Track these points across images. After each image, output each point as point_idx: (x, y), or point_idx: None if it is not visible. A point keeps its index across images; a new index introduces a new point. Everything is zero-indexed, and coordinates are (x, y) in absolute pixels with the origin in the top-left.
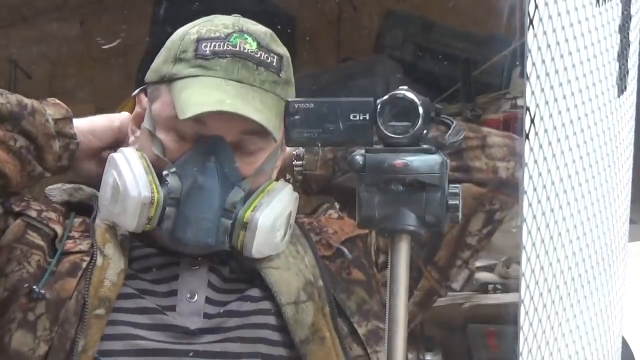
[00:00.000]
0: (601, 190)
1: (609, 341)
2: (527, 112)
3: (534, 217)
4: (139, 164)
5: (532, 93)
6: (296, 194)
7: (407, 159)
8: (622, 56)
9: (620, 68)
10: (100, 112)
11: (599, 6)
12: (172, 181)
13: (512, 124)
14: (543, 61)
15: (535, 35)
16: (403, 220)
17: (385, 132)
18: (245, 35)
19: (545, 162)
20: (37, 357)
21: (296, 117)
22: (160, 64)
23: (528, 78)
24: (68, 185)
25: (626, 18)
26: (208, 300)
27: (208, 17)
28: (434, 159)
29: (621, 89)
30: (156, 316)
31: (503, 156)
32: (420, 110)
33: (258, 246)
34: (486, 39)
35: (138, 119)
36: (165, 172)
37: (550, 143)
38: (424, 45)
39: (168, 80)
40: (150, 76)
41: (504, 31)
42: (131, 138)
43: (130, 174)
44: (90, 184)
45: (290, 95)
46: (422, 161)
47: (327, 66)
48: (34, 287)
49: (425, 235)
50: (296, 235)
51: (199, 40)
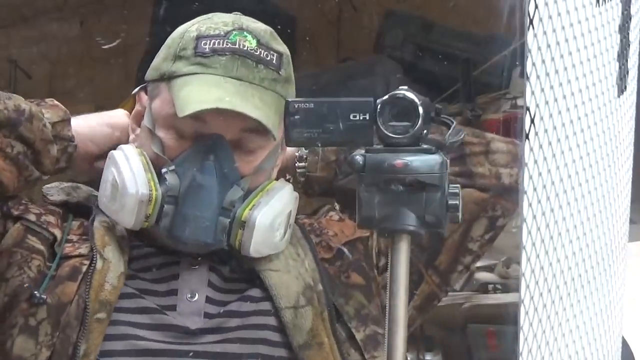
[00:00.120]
0: (601, 190)
1: (609, 341)
2: (527, 112)
3: (534, 217)
4: (138, 162)
5: (532, 93)
6: (296, 194)
7: (407, 159)
8: (622, 56)
9: (620, 68)
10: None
11: (599, 6)
12: (171, 179)
13: (512, 124)
14: (543, 61)
15: (535, 35)
16: (403, 220)
17: (385, 132)
18: (244, 32)
19: (545, 162)
20: None
21: (296, 117)
22: (160, 62)
23: (528, 78)
24: (66, 184)
25: (626, 18)
26: (208, 299)
27: (208, 15)
28: (434, 159)
29: (621, 89)
30: (156, 316)
31: (506, 162)
32: (420, 110)
33: (256, 245)
34: (486, 39)
35: (138, 117)
36: (164, 170)
37: (550, 143)
38: (424, 45)
39: (168, 78)
40: (150, 74)
41: (504, 31)
42: (131, 136)
43: (129, 172)
44: (86, 184)
45: (290, 93)
46: (422, 161)
47: (327, 66)
48: (35, 292)
49: (426, 239)
50: (297, 237)
51: (199, 37)
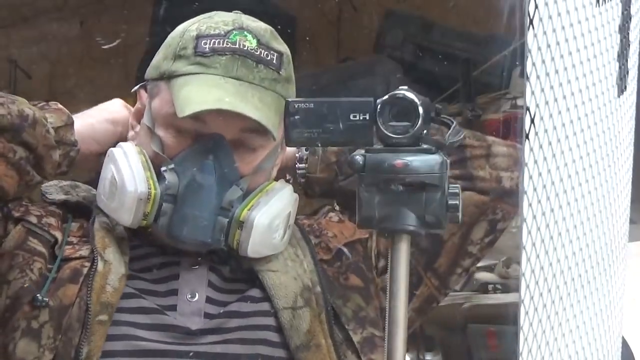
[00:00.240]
0: (601, 190)
1: (609, 341)
2: (527, 112)
3: (534, 217)
4: (137, 160)
5: (532, 93)
6: (296, 195)
7: (407, 159)
8: (622, 56)
9: (620, 68)
10: None
11: (599, 6)
12: (170, 178)
13: (512, 124)
14: (543, 61)
15: (535, 35)
16: (403, 220)
17: (385, 132)
18: (245, 32)
19: (545, 162)
20: None
21: (296, 117)
22: (160, 61)
23: (528, 78)
24: (64, 182)
25: (626, 18)
26: (209, 299)
27: (208, 14)
28: (434, 159)
29: (621, 89)
30: (157, 316)
31: (507, 166)
32: (420, 110)
33: (254, 246)
34: (486, 39)
35: (138, 115)
36: (163, 169)
37: (550, 143)
38: (424, 45)
39: (167, 77)
40: (150, 72)
41: (504, 31)
42: (131, 133)
43: (128, 169)
44: (88, 183)
45: (290, 92)
46: (422, 161)
47: (327, 66)
48: (37, 295)
49: (425, 241)
50: (296, 237)
51: (199, 37)
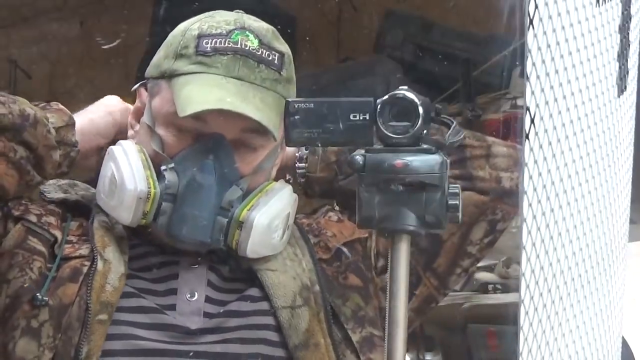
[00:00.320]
0: (601, 190)
1: (609, 341)
2: (527, 112)
3: (534, 217)
4: (137, 158)
5: (532, 93)
6: (295, 195)
7: (407, 159)
8: (622, 56)
9: (620, 68)
10: None
11: (599, 6)
12: (170, 177)
13: (512, 124)
14: (543, 61)
15: (535, 35)
16: (403, 220)
17: (385, 132)
18: (246, 32)
19: (545, 162)
20: None
21: (296, 117)
22: (160, 59)
23: (528, 78)
24: (62, 181)
25: (626, 18)
26: (208, 299)
27: (210, 13)
28: (434, 159)
29: (621, 89)
30: (156, 315)
31: (507, 166)
32: (420, 110)
33: (253, 246)
34: (486, 39)
35: (138, 113)
36: (163, 168)
37: (550, 143)
38: (424, 45)
39: (168, 76)
40: (150, 71)
41: (504, 31)
42: (130, 132)
43: (128, 168)
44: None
45: (291, 93)
46: (422, 161)
47: (327, 66)
48: (37, 294)
49: (425, 241)
50: (295, 237)
51: (200, 36)
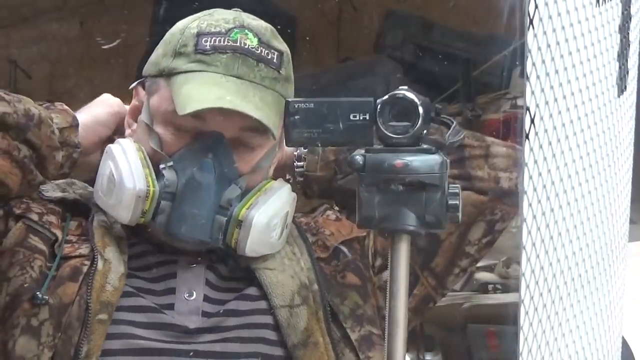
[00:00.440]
0: (601, 190)
1: (609, 341)
2: (527, 112)
3: (534, 217)
4: (136, 157)
5: (532, 93)
6: (294, 194)
7: (407, 159)
8: (622, 56)
9: (620, 68)
10: None
11: (599, 6)
12: (169, 175)
13: (512, 124)
14: (543, 61)
15: (535, 35)
16: (403, 220)
17: (385, 132)
18: (246, 30)
19: (545, 162)
20: None
21: (296, 117)
22: (159, 57)
23: (528, 78)
24: (60, 180)
25: (626, 18)
26: (206, 298)
27: (208, 11)
28: (434, 159)
29: (621, 89)
30: (155, 315)
31: (506, 167)
32: (420, 110)
33: (252, 245)
34: (486, 39)
35: (135, 112)
36: (162, 166)
37: (550, 143)
38: (424, 45)
39: (167, 74)
40: (148, 69)
41: (504, 31)
42: (127, 131)
43: (126, 166)
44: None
45: (289, 92)
46: (422, 161)
47: (327, 66)
48: (37, 293)
49: (423, 241)
50: (293, 236)
51: (199, 34)
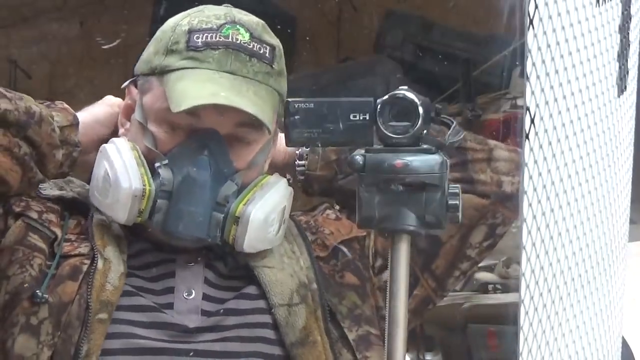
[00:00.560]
0: (601, 190)
1: (609, 341)
2: (527, 112)
3: (534, 217)
4: (131, 156)
5: (532, 93)
6: (291, 189)
7: (407, 159)
8: (622, 56)
9: (620, 68)
10: None
11: (599, 6)
12: (164, 173)
13: (512, 124)
14: (543, 61)
15: (535, 35)
16: (403, 220)
17: (385, 132)
18: (237, 26)
19: (545, 162)
20: None
21: (296, 117)
22: (150, 55)
23: (528, 78)
24: (59, 178)
25: (626, 18)
26: (205, 297)
27: (198, 8)
28: (434, 159)
29: (621, 89)
30: (154, 314)
31: (508, 171)
32: (420, 110)
33: (250, 241)
34: (486, 39)
35: (128, 111)
36: (157, 165)
37: (550, 143)
38: (424, 45)
39: (160, 72)
40: (140, 67)
41: (504, 31)
42: (121, 130)
43: (121, 166)
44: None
45: (283, 86)
46: (422, 161)
47: (327, 66)
48: (37, 291)
49: (424, 242)
50: (293, 234)
51: (191, 31)
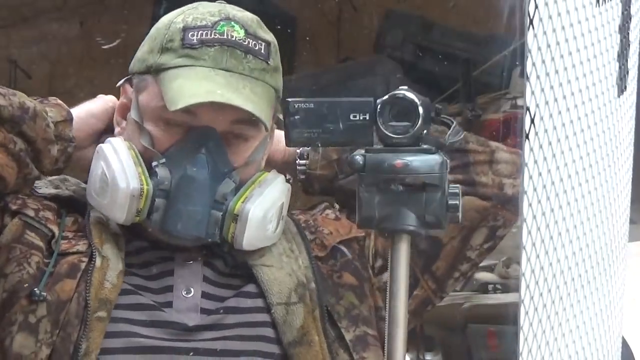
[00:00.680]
0: (601, 190)
1: (609, 341)
2: (527, 112)
3: (534, 217)
4: (128, 155)
5: (532, 93)
6: (289, 185)
7: (407, 159)
8: (622, 56)
9: (620, 68)
10: None
11: (599, 6)
12: (162, 172)
13: (512, 124)
14: (543, 61)
15: (535, 35)
16: (403, 220)
17: (385, 132)
18: (232, 22)
19: (545, 162)
20: None
21: (296, 117)
22: (145, 54)
23: (528, 78)
24: (53, 176)
25: (626, 18)
26: (204, 295)
27: (192, 5)
28: (434, 159)
29: (621, 89)
30: (153, 313)
31: (510, 173)
32: (420, 110)
33: (249, 238)
34: (486, 39)
35: (124, 110)
36: (154, 163)
37: (550, 143)
38: (424, 45)
39: (155, 70)
40: (135, 66)
41: (504, 31)
42: (117, 129)
43: (118, 165)
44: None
45: (278, 82)
46: (422, 161)
47: (327, 66)
48: (35, 290)
49: (424, 244)
50: (292, 232)
51: (186, 29)
